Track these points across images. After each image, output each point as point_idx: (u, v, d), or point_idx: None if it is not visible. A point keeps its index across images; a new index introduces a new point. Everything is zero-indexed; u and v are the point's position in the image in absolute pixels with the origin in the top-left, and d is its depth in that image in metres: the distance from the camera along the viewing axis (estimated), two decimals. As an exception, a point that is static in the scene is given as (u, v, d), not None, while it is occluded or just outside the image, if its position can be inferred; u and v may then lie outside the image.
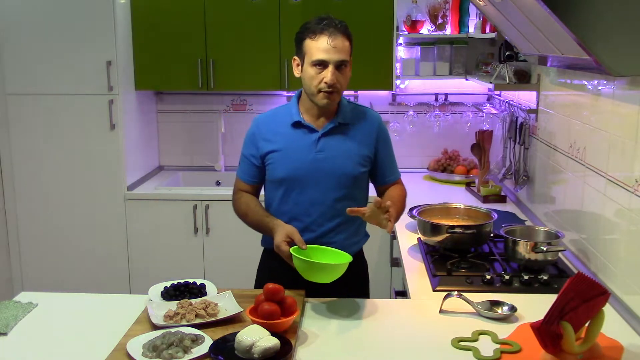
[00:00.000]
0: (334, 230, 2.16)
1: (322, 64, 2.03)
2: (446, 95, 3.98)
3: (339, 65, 2.04)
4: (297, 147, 2.13)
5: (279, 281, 1.87)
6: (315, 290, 2.02)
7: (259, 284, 2.28)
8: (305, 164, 2.12)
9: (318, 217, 2.14)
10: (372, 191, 2.28)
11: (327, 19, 2.06)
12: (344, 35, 2.05)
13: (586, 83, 2.30)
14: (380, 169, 2.23)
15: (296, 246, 1.98)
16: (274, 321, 1.73)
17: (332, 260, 1.97)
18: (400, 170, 4.13)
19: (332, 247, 2.07)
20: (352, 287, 2.20)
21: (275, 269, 2.16)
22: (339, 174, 2.13)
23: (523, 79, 3.06)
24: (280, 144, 2.13)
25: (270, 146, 2.14)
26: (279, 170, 2.14)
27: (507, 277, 2.13)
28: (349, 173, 2.14)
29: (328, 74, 2.02)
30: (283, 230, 2.02)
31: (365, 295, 2.33)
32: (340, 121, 2.14)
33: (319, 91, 2.05)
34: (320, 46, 2.02)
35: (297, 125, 2.14)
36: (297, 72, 2.13)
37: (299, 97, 2.19)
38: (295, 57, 2.13)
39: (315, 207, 2.14)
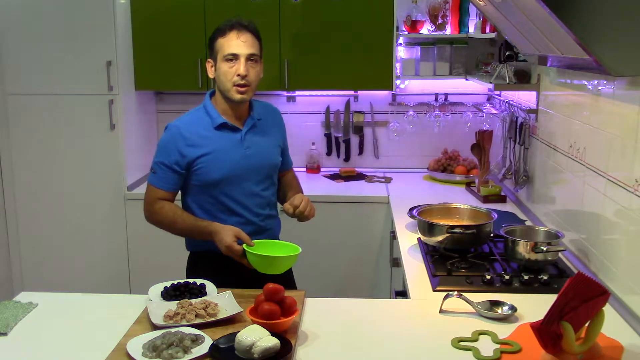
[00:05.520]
0: (267, 217, 2.36)
1: (233, 58, 2.17)
2: (446, 95, 3.98)
3: (250, 59, 2.19)
4: (226, 148, 2.24)
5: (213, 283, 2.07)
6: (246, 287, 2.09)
7: None
8: (236, 162, 2.24)
9: (255, 208, 2.30)
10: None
11: (235, 19, 2.23)
12: (252, 33, 2.22)
13: (586, 83, 2.30)
14: (283, 156, 2.44)
15: (244, 244, 2.08)
16: (274, 321, 1.73)
17: (281, 251, 2.09)
18: (400, 170, 4.16)
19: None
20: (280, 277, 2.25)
21: (205, 271, 2.23)
22: (266, 165, 2.33)
23: (523, 79, 3.06)
24: (209, 147, 2.22)
25: (199, 151, 2.21)
26: (212, 173, 2.22)
27: (507, 277, 2.13)
28: (274, 163, 2.37)
29: (240, 66, 2.17)
30: (229, 231, 2.11)
31: (293, 284, 2.45)
32: (257, 117, 2.31)
33: (234, 85, 2.18)
34: (230, 42, 2.18)
35: (222, 126, 2.25)
36: (211, 73, 2.27)
37: (211, 100, 2.30)
38: (209, 60, 2.26)
39: (250, 199, 2.29)
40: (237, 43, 2.17)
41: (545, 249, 2.17)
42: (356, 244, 3.56)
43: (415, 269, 2.32)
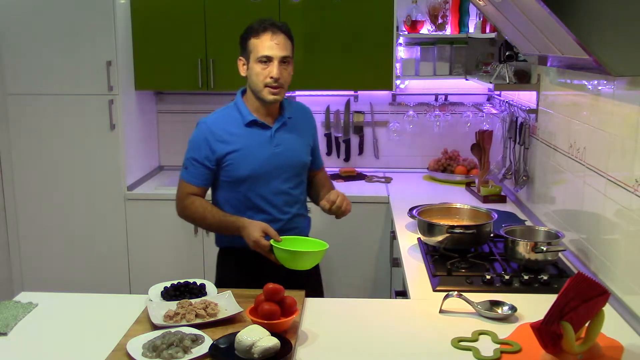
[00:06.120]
0: (295, 215, 2.35)
1: (267, 60, 2.19)
2: (446, 95, 3.98)
3: (283, 61, 2.20)
4: (255, 145, 2.26)
5: (241, 278, 2.18)
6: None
7: (221, 282, 2.36)
8: (265, 160, 2.26)
9: (282, 206, 2.31)
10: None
11: (268, 20, 2.25)
12: (285, 34, 2.23)
13: (586, 83, 2.30)
14: (314, 156, 2.45)
15: (271, 239, 2.09)
16: (274, 321, 1.73)
17: (309, 248, 2.08)
18: (400, 170, 4.15)
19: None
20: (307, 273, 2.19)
21: (235, 267, 2.32)
22: (295, 164, 2.33)
23: (523, 79, 3.06)
24: (239, 144, 2.25)
25: (228, 147, 2.24)
26: (241, 169, 2.25)
27: (507, 277, 2.13)
28: (303, 162, 2.36)
29: (274, 69, 2.18)
30: (257, 226, 2.12)
31: (319, 281, 2.47)
32: (288, 116, 2.32)
33: (266, 86, 2.20)
34: (264, 43, 2.19)
35: (252, 124, 2.27)
36: (243, 72, 2.30)
37: (242, 98, 2.32)
38: (241, 58, 2.27)
39: (278, 197, 2.30)
40: (270, 45, 2.18)
41: (545, 249, 2.17)
42: (356, 244, 3.56)
43: (415, 269, 2.32)
